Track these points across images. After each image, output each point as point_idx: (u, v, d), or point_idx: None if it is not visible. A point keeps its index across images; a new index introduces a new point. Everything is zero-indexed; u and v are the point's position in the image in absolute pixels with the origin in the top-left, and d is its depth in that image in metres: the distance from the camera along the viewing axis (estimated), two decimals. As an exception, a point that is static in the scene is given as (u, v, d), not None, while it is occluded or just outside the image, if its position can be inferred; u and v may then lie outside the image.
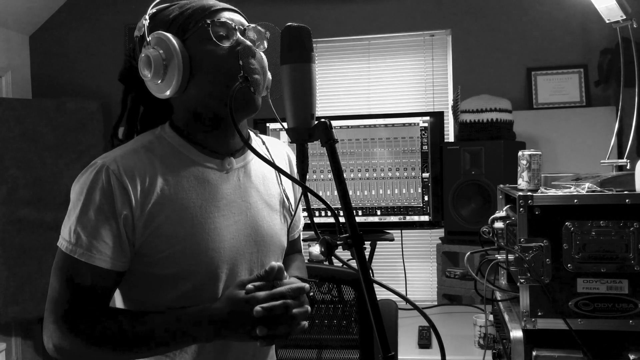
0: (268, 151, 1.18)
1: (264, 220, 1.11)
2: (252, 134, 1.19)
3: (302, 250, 1.36)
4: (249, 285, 0.98)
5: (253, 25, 1.07)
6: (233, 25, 1.03)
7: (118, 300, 1.09)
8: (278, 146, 1.24)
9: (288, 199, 1.19)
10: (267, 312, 0.94)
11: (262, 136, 1.21)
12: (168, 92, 1.01)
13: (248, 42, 1.03)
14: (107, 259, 0.97)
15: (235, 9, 1.08)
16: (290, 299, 0.98)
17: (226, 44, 1.01)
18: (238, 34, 1.03)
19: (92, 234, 0.96)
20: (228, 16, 1.04)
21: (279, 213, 1.16)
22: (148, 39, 1.01)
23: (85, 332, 0.96)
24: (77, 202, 0.98)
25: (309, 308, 1.02)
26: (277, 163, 1.17)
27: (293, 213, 1.21)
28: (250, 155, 1.13)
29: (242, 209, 1.08)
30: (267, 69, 1.07)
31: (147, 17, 1.03)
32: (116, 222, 0.97)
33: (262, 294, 0.97)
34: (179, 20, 1.02)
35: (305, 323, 1.01)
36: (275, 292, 0.98)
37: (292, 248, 1.28)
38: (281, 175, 1.17)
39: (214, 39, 1.01)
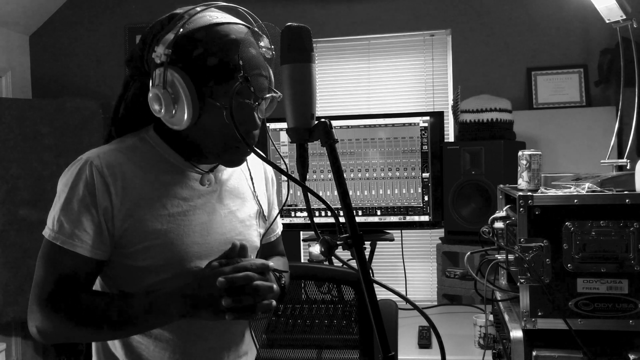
0: (246, 161, 1.21)
1: (237, 222, 1.17)
2: None
3: (284, 253, 1.39)
4: (213, 262, 1.05)
5: (269, 95, 1.06)
6: (249, 103, 1.03)
7: (98, 289, 1.14)
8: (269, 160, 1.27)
9: (260, 205, 1.24)
10: (229, 283, 0.99)
11: None
12: (180, 126, 1.03)
13: (257, 119, 1.06)
14: (87, 247, 1.03)
15: (256, 44, 1.04)
16: (254, 273, 1.02)
17: (243, 109, 1.03)
18: (253, 100, 1.04)
19: (75, 223, 1.02)
20: (252, 78, 1.01)
21: (254, 217, 1.22)
22: (164, 76, 1.01)
23: (66, 312, 1.02)
24: (61, 194, 1.05)
25: (276, 286, 1.07)
26: (254, 171, 1.24)
27: (269, 217, 1.28)
28: None
29: (216, 209, 1.14)
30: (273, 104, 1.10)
31: (169, 51, 1.00)
32: (97, 213, 1.03)
33: (226, 268, 1.02)
34: (199, 66, 1.00)
35: (273, 301, 1.04)
36: (237, 266, 1.03)
37: (272, 251, 1.33)
38: (254, 182, 1.23)
39: (225, 117, 1.01)
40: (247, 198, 1.22)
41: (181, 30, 1.01)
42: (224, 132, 1.04)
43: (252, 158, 1.24)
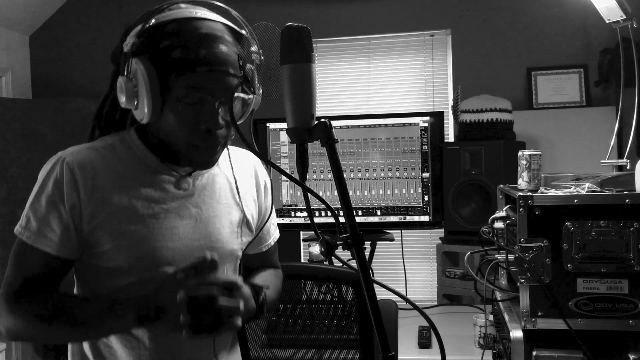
0: (230, 163, 1.19)
1: (214, 229, 1.12)
2: None
3: (279, 266, 1.34)
4: (180, 273, 0.98)
5: (236, 95, 1.03)
6: (210, 100, 1.00)
7: (72, 291, 1.12)
8: (244, 158, 1.24)
9: (245, 213, 1.18)
10: (190, 299, 0.93)
11: (230, 147, 1.20)
12: (144, 120, 1.01)
13: (219, 118, 1.01)
14: (53, 245, 1.01)
15: (233, 42, 1.02)
16: (220, 290, 0.97)
17: (199, 108, 1.00)
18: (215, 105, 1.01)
19: (41, 220, 1.01)
20: (215, 75, 0.98)
21: (233, 223, 1.16)
22: (129, 66, 0.99)
23: (30, 312, 1.00)
24: (33, 190, 1.04)
25: (242, 305, 0.99)
26: (241, 177, 1.19)
27: (266, 228, 1.24)
28: (213, 168, 1.13)
29: (192, 213, 1.10)
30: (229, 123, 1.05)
31: (135, 39, 0.99)
32: (65, 210, 1.01)
33: (190, 281, 0.96)
34: (165, 58, 0.98)
35: (239, 322, 0.98)
36: (203, 281, 0.97)
37: (264, 262, 1.29)
38: (239, 189, 1.18)
39: (182, 109, 0.99)
40: (230, 204, 1.16)
41: (153, 21, 0.99)
42: (186, 129, 1.00)
43: (239, 163, 1.20)
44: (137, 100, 1.00)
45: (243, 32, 1.06)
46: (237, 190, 1.18)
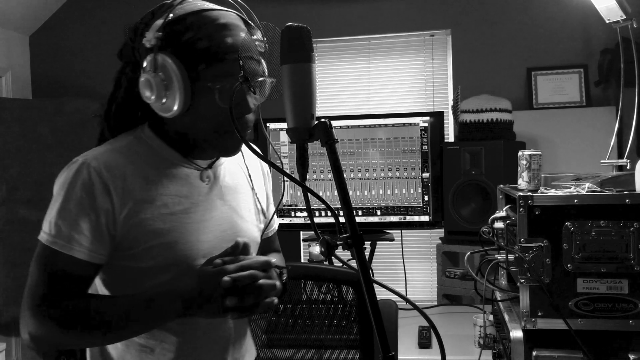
0: (243, 156, 1.22)
1: (238, 218, 1.16)
2: None
3: (280, 250, 1.39)
4: (217, 260, 1.01)
5: (261, 79, 1.05)
6: (242, 86, 1.01)
7: (99, 292, 1.11)
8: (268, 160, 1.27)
9: (259, 201, 1.24)
10: (234, 282, 0.97)
11: None
12: (171, 113, 1.01)
13: (250, 102, 1.03)
14: (85, 251, 0.99)
15: (247, 31, 1.05)
16: (257, 271, 1.00)
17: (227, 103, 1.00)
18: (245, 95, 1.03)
19: (72, 226, 0.99)
20: (243, 61, 1.00)
21: (253, 212, 1.21)
22: (155, 60, 1.00)
23: (61, 318, 0.99)
24: (58, 197, 1.01)
25: (278, 283, 1.05)
26: (251, 166, 1.24)
27: (268, 213, 1.27)
28: (224, 158, 1.17)
29: (217, 205, 1.12)
30: (267, 85, 1.08)
31: (159, 34, 1.00)
32: (96, 215, 0.99)
33: (230, 266, 0.99)
34: (190, 50, 1.00)
35: (275, 299, 1.03)
36: (242, 264, 1.00)
37: (269, 247, 1.33)
38: (251, 177, 1.23)
39: (216, 97, 1.01)
40: (246, 193, 1.20)
41: (171, 15, 1.01)
42: (217, 117, 1.02)
43: (248, 153, 1.23)
44: (167, 93, 1.00)
45: (250, 22, 1.08)
46: (250, 178, 1.22)
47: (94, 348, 1.12)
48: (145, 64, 1.01)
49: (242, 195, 1.19)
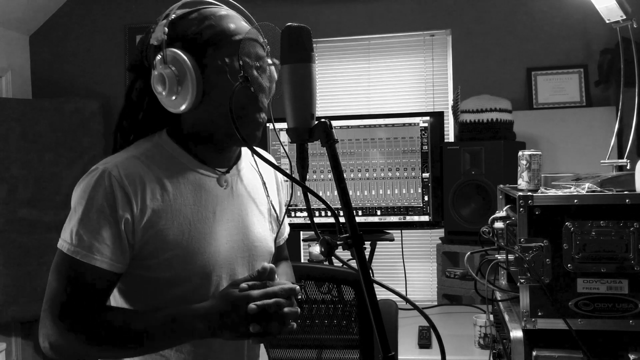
0: (256, 163, 1.23)
1: (254, 226, 1.15)
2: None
3: (289, 257, 1.39)
4: (243, 285, 1.00)
5: (271, 62, 1.07)
6: (250, 63, 1.03)
7: (116, 303, 1.10)
8: (263, 153, 1.26)
9: (274, 208, 1.24)
10: (260, 310, 0.97)
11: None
12: (182, 108, 1.03)
13: (262, 81, 1.04)
14: (107, 260, 0.99)
15: (253, 29, 1.07)
16: (282, 298, 1.00)
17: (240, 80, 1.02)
18: (254, 70, 1.04)
19: (94, 235, 0.98)
20: (247, 49, 1.03)
21: (267, 220, 1.21)
22: (164, 55, 1.02)
23: (82, 329, 0.98)
24: (78, 206, 1.00)
25: (299, 309, 1.05)
26: (265, 175, 1.24)
27: (280, 221, 1.26)
28: (242, 165, 1.18)
29: (234, 215, 1.12)
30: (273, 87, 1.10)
31: (166, 29, 1.02)
32: (117, 224, 0.99)
33: (256, 292, 0.99)
34: (197, 40, 1.03)
35: (294, 324, 1.03)
36: (268, 291, 1.00)
37: (279, 255, 1.33)
38: (267, 187, 1.22)
39: (229, 76, 1.02)
40: (262, 202, 1.20)
41: (174, 15, 1.04)
42: (233, 101, 1.01)
43: (261, 163, 1.22)
44: (180, 88, 1.01)
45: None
46: (266, 186, 1.22)
47: None
48: (155, 62, 1.03)
49: (259, 203, 1.19)
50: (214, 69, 1.02)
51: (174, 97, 1.02)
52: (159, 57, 1.02)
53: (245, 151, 1.21)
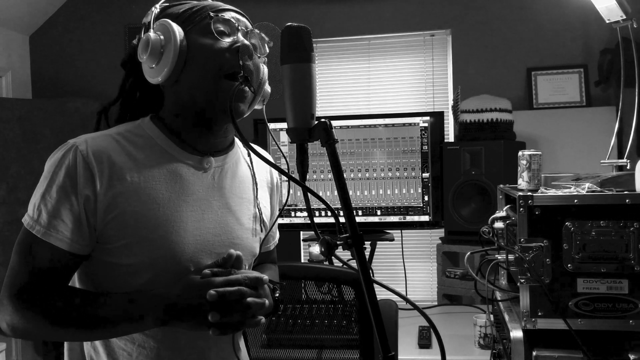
0: (251, 160, 1.18)
1: (235, 222, 1.09)
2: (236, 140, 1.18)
3: (276, 262, 1.34)
4: (206, 271, 0.97)
5: (257, 31, 1.07)
6: (236, 25, 1.04)
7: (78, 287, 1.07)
8: (261, 153, 1.24)
9: (260, 210, 1.16)
10: (220, 297, 0.92)
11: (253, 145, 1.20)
12: (160, 78, 1.01)
13: (247, 42, 1.03)
14: (65, 240, 0.95)
15: (243, 13, 1.09)
16: (247, 288, 0.96)
17: (225, 40, 1.02)
18: (239, 34, 1.04)
19: (52, 212, 0.95)
20: (234, 16, 1.05)
21: (252, 219, 1.14)
22: (153, 25, 1.03)
23: (38, 309, 0.95)
24: (43, 180, 0.98)
25: (267, 302, 1.00)
26: (259, 177, 1.19)
27: (270, 224, 1.20)
28: (230, 157, 1.12)
29: (213, 207, 1.06)
30: (265, 79, 1.08)
31: (157, 6, 1.06)
32: (77, 202, 0.95)
33: (218, 279, 0.95)
34: (185, 14, 1.04)
35: (262, 318, 0.98)
36: (231, 279, 0.96)
37: (267, 259, 1.28)
38: (257, 187, 1.17)
39: (214, 33, 1.01)
40: (250, 200, 1.14)
41: (166, 4, 1.07)
42: (217, 63, 0.99)
43: (257, 163, 1.19)
44: (163, 51, 1.00)
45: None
46: (256, 186, 1.16)
47: (73, 353, 1.08)
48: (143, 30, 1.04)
49: (245, 201, 1.13)
50: (198, 31, 1.02)
51: (153, 64, 1.00)
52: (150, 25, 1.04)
53: (243, 150, 1.18)
